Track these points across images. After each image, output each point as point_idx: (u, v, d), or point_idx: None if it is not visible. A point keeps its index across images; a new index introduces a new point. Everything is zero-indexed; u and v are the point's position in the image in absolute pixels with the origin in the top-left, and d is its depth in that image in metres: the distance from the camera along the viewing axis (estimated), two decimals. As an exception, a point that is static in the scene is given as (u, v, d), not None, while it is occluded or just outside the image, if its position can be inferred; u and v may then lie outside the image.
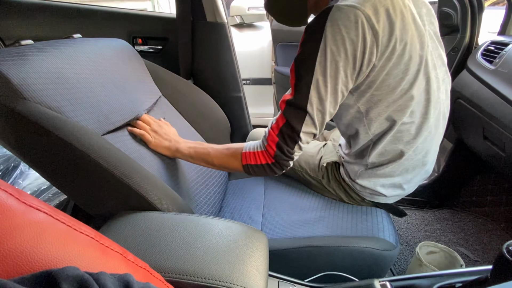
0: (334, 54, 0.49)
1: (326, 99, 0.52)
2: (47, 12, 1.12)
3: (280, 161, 0.56)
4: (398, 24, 0.50)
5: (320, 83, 0.51)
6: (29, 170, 0.89)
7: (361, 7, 0.48)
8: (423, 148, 0.63)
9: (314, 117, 0.53)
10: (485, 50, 1.02)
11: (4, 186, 0.24)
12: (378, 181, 0.67)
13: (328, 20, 0.48)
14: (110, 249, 0.27)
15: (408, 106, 0.57)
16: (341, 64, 0.50)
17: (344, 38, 0.48)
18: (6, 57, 0.48)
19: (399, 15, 0.51)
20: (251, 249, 0.43)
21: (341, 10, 0.48)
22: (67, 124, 0.47)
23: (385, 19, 0.49)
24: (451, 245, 1.10)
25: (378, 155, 0.64)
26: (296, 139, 0.54)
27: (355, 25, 0.48)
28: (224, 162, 0.62)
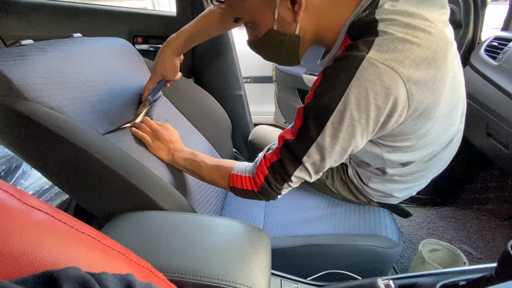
0: (353, 120, 0.41)
1: (328, 158, 0.46)
2: (47, 11, 1.12)
3: (266, 192, 0.52)
4: (439, 76, 0.42)
5: (326, 144, 0.44)
6: (31, 170, 0.89)
7: (399, 69, 0.38)
8: (447, 155, 0.61)
9: (309, 169, 0.47)
10: (488, 46, 1.01)
11: (5, 186, 0.23)
12: (394, 187, 0.66)
13: (355, 77, 0.39)
14: (112, 249, 0.27)
15: (432, 137, 0.52)
16: (359, 129, 0.43)
17: (370, 104, 0.40)
18: (7, 57, 0.48)
19: (443, 60, 0.42)
20: (253, 248, 0.43)
21: (374, 68, 0.38)
22: (69, 124, 0.47)
23: (425, 78, 0.40)
24: (454, 242, 1.09)
25: (400, 172, 0.61)
26: (286, 179, 0.49)
27: (387, 91, 0.39)
28: (213, 179, 0.59)
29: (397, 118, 0.43)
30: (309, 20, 0.45)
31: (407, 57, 0.39)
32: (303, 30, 0.47)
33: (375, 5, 0.42)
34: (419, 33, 0.40)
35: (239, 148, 1.18)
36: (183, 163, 0.63)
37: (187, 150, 0.65)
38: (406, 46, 0.39)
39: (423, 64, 0.40)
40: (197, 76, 1.12)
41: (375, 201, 0.73)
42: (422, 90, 0.41)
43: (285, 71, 1.53)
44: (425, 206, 1.29)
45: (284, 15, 0.45)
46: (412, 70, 0.39)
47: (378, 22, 0.41)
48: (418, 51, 0.39)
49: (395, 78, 0.39)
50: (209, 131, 0.88)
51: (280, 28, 0.47)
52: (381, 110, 0.41)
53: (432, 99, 0.43)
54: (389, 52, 0.39)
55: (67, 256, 0.23)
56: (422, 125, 0.47)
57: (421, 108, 0.43)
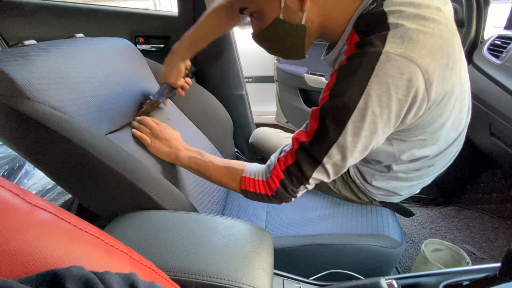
0: (375, 116, 0.41)
1: (350, 157, 0.45)
2: (50, 12, 1.13)
3: (281, 196, 0.51)
4: (450, 64, 0.42)
5: (348, 143, 0.43)
6: (34, 170, 0.89)
7: (418, 60, 0.38)
8: (453, 150, 0.61)
9: (329, 170, 0.46)
10: (491, 44, 1.01)
11: (9, 186, 0.24)
12: (398, 184, 0.66)
13: (374, 73, 0.38)
14: (115, 248, 0.27)
15: (445, 131, 0.52)
16: (381, 125, 0.42)
17: (392, 98, 0.39)
18: (10, 57, 0.48)
19: (453, 47, 0.42)
20: (255, 247, 0.43)
21: (393, 62, 0.38)
22: (71, 124, 0.47)
23: (440, 67, 0.41)
24: (457, 242, 1.09)
25: (405, 168, 0.61)
26: (304, 182, 0.48)
27: (408, 84, 0.39)
28: (222, 181, 0.57)
29: (416, 111, 0.43)
30: (315, 10, 0.45)
31: (424, 47, 0.38)
32: (309, 20, 0.46)
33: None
34: (429, 23, 0.40)
35: (240, 148, 1.18)
36: (188, 161, 0.61)
37: (192, 149, 0.63)
38: (420, 36, 0.38)
39: (438, 53, 0.40)
40: (199, 76, 1.12)
41: (378, 201, 0.73)
42: (438, 80, 0.41)
43: (287, 70, 1.52)
44: (428, 206, 1.28)
45: (291, 3, 0.44)
46: (429, 59, 0.39)
47: (387, 15, 0.40)
48: (431, 40, 0.39)
49: (414, 70, 0.38)
50: (211, 131, 0.89)
51: (286, 17, 0.46)
52: (402, 103, 0.40)
53: (448, 89, 0.43)
54: (405, 43, 0.38)
55: (70, 255, 0.23)
56: (437, 117, 0.47)
57: (438, 99, 0.43)
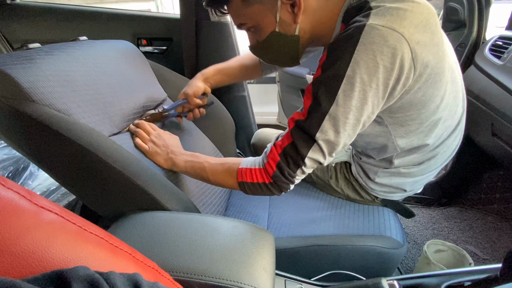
0: (364, 84, 0.42)
1: (343, 132, 0.46)
2: (53, 15, 1.14)
3: (279, 182, 0.50)
4: (435, 40, 0.44)
5: (339, 114, 0.44)
6: (38, 171, 0.90)
7: (400, 29, 0.40)
8: (453, 143, 0.62)
9: (323, 147, 0.47)
10: (493, 45, 1.00)
11: (16, 188, 0.24)
12: (401, 180, 0.66)
13: (360, 42, 0.41)
14: (119, 249, 0.28)
15: (442, 117, 0.53)
16: (370, 94, 0.43)
17: (378, 65, 0.41)
18: (15, 60, 0.49)
19: (435, 27, 0.44)
20: (257, 248, 0.44)
21: (376, 30, 0.40)
22: (76, 126, 0.48)
23: (424, 40, 0.42)
24: (460, 243, 1.09)
25: (407, 161, 0.61)
26: (300, 163, 0.48)
27: (393, 51, 0.40)
28: (219, 179, 0.57)
29: (404, 81, 0.44)
30: (306, 20, 0.49)
31: (405, 19, 0.41)
32: (302, 30, 0.50)
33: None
34: (408, 3, 0.43)
35: (242, 149, 1.18)
36: (184, 166, 0.60)
37: (187, 153, 0.63)
38: (401, 12, 0.41)
39: (420, 27, 0.42)
40: (201, 78, 1.13)
41: (380, 199, 0.73)
42: (424, 51, 0.43)
43: (288, 71, 1.53)
44: (430, 207, 1.28)
45: (285, 17, 0.49)
46: (412, 30, 0.41)
47: (369, 2, 0.44)
48: (412, 16, 0.42)
49: (398, 38, 0.40)
50: (213, 132, 0.89)
51: (282, 29, 0.50)
52: (388, 71, 0.42)
53: (435, 63, 0.45)
54: (387, 17, 0.41)
55: (75, 255, 0.23)
56: (430, 96, 0.48)
57: (426, 72, 0.45)
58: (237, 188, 0.56)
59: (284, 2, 0.47)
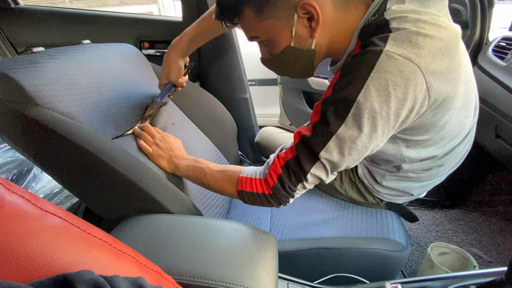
0: (374, 112, 0.41)
1: (347, 155, 0.45)
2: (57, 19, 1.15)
3: (278, 195, 0.49)
4: (453, 66, 0.43)
5: (347, 137, 0.43)
6: (41, 174, 0.91)
7: (417, 60, 0.39)
8: (463, 150, 0.61)
9: (326, 165, 0.46)
10: (496, 46, 1.00)
11: (21, 192, 0.24)
12: (409, 185, 0.65)
13: (374, 69, 0.40)
14: (123, 252, 0.28)
15: (450, 130, 0.52)
16: (380, 122, 0.42)
17: (390, 95, 0.40)
18: (20, 64, 0.49)
19: (454, 51, 0.43)
20: (260, 251, 0.43)
21: (393, 60, 0.39)
22: (79, 129, 0.48)
23: (441, 68, 0.41)
24: (464, 246, 1.08)
25: (416, 167, 0.61)
26: (302, 178, 0.47)
27: (406, 82, 0.40)
28: (218, 186, 0.56)
29: (418, 109, 0.43)
30: (323, 34, 0.47)
31: (423, 48, 0.40)
32: (318, 44, 0.48)
33: (383, 9, 0.43)
34: (429, 26, 0.41)
35: (244, 151, 1.18)
36: (186, 171, 0.61)
37: (189, 158, 0.63)
38: (420, 38, 0.40)
39: (438, 55, 0.41)
40: (203, 80, 1.13)
41: (384, 202, 0.72)
42: (439, 80, 0.42)
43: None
44: (433, 209, 1.27)
45: (301, 32, 0.46)
46: (429, 60, 0.40)
47: (389, 21, 0.42)
48: (431, 43, 0.40)
49: (413, 69, 0.39)
50: (215, 134, 0.89)
51: (297, 44, 0.48)
52: (401, 101, 0.41)
53: (450, 89, 0.44)
54: (405, 45, 0.40)
55: (80, 259, 0.23)
56: (440, 116, 0.48)
57: (440, 98, 0.44)
58: (236, 197, 0.55)
59: (301, 16, 0.44)
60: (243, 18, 0.47)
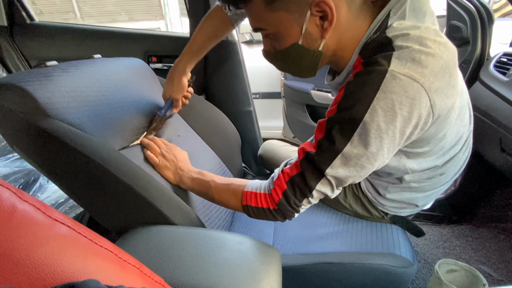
0: (381, 131, 0.41)
1: (354, 172, 0.45)
2: (70, 34, 1.20)
3: (283, 210, 0.49)
4: (452, 82, 0.44)
5: (353, 156, 0.43)
6: (47, 184, 0.92)
7: (421, 79, 0.40)
8: (462, 157, 0.62)
9: (332, 181, 0.46)
10: (497, 62, 1.01)
11: (31, 200, 0.25)
12: (412, 195, 0.65)
13: (380, 90, 0.40)
14: (128, 263, 0.28)
15: (448, 140, 0.53)
16: (386, 141, 0.42)
17: (397, 114, 0.41)
18: (34, 77, 0.51)
19: (453, 67, 0.44)
20: (264, 264, 0.43)
21: (398, 80, 0.39)
22: (87, 140, 0.49)
23: (442, 86, 0.42)
24: (472, 263, 1.04)
25: (418, 177, 0.61)
26: (307, 194, 0.47)
27: (411, 102, 0.40)
28: (223, 199, 0.56)
29: (422, 126, 0.44)
30: (333, 37, 0.46)
31: (426, 68, 0.40)
32: (326, 47, 0.47)
33: (385, 26, 0.44)
34: (431, 43, 0.41)
35: (248, 163, 1.19)
36: (191, 183, 0.61)
37: (195, 170, 0.63)
38: (423, 57, 0.40)
39: (440, 73, 0.41)
40: (208, 93, 1.16)
41: (389, 215, 0.71)
42: (441, 97, 0.42)
43: (294, 87, 1.55)
44: (440, 224, 1.25)
45: (312, 30, 0.45)
46: (432, 79, 0.41)
47: (392, 39, 0.42)
48: (434, 61, 0.41)
49: (418, 89, 0.40)
50: (219, 146, 0.90)
51: (305, 43, 0.46)
52: (406, 120, 0.41)
53: (450, 104, 0.45)
54: (409, 64, 0.40)
55: (86, 268, 0.24)
56: (440, 129, 0.49)
57: (442, 114, 0.45)
58: (240, 210, 0.55)
59: (314, 14, 0.43)
60: (251, 5, 0.45)
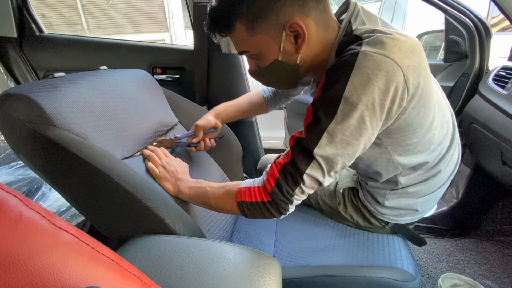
0: (360, 104, 0.44)
1: (341, 149, 0.47)
2: (77, 46, 1.23)
3: (277, 200, 0.50)
4: (422, 64, 0.48)
5: (337, 131, 0.46)
6: (50, 192, 0.92)
7: (392, 55, 0.44)
8: (453, 157, 0.64)
9: (322, 163, 0.47)
10: (496, 75, 1.03)
11: (37, 208, 0.25)
12: (411, 201, 0.66)
13: (355, 66, 0.44)
14: (129, 272, 0.28)
15: (435, 134, 0.57)
16: (367, 114, 0.45)
17: (374, 87, 0.44)
18: (42, 88, 0.53)
19: (421, 53, 0.48)
20: (264, 276, 0.43)
21: (370, 57, 0.44)
22: (92, 149, 0.50)
23: (413, 64, 0.46)
24: (477, 277, 1.02)
25: (412, 179, 0.63)
26: (298, 180, 0.48)
27: (386, 75, 0.44)
28: (219, 202, 0.57)
29: (399, 101, 0.47)
30: (308, 51, 0.52)
31: (394, 47, 0.45)
32: (302, 60, 0.53)
33: (350, 29, 0.51)
34: (395, 34, 0.46)
35: (249, 173, 1.19)
36: (189, 192, 0.62)
37: (192, 180, 0.64)
38: (389, 41, 0.45)
39: (408, 52, 0.45)
40: (211, 104, 1.18)
41: (390, 224, 0.71)
42: (414, 73, 0.46)
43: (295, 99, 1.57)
44: (443, 237, 1.23)
45: (288, 48, 0.52)
46: (402, 55, 0.45)
47: (361, 35, 0.48)
48: (399, 43, 0.45)
49: (390, 63, 0.44)
50: (220, 156, 0.91)
51: (284, 58, 0.53)
52: (383, 93, 0.44)
53: (424, 85, 0.48)
54: (378, 45, 0.45)
55: (88, 276, 0.24)
56: (423, 116, 0.52)
57: (417, 93, 0.48)
58: (237, 211, 0.55)
59: (289, 34, 0.49)
60: (234, 32, 0.52)
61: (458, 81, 1.17)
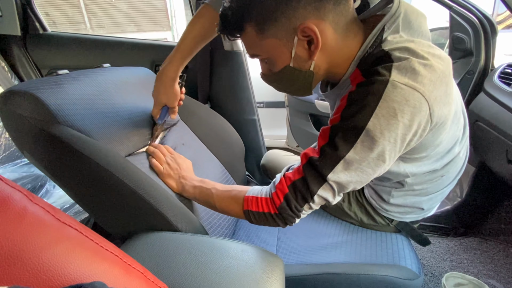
0: (383, 138, 0.43)
1: (356, 177, 0.46)
2: (81, 44, 1.23)
3: (284, 214, 0.50)
4: (448, 90, 0.46)
5: (355, 162, 0.45)
6: (53, 189, 0.93)
7: (421, 88, 0.42)
8: (462, 157, 0.63)
9: (334, 187, 0.47)
10: (501, 72, 1.01)
11: (42, 204, 0.26)
12: (417, 199, 0.65)
13: (382, 98, 0.42)
14: (132, 268, 0.28)
15: (445, 144, 0.55)
16: (388, 148, 0.44)
17: (399, 122, 0.42)
18: (46, 85, 0.53)
19: (449, 76, 0.46)
20: (267, 273, 0.43)
21: (399, 89, 0.41)
22: (95, 146, 0.50)
23: (441, 94, 0.44)
24: (481, 277, 1.02)
25: (419, 180, 0.62)
26: (308, 199, 0.48)
27: (413, 110, 0.42)
28: (225, 206, 0.57)
29: (421, 133, 0.45)
30: (323, 58, 0.49)
31: (425, 77, 0.42)
32: (317, 67, 0.50)
33: (380, 40, 0.47)
34: (427, 55, 0.43)
35: (251, 171, 1.19)
36: (193, 191, 0.61)
37: (197, 179, 0.64)
38: (421, 68, 0.42)
39: (438, 82, 0.43)
40: (214, 102, 1.17)
41: (395, 222, 0.71)
42: (439, 105, 0.44)
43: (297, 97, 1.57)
44: (447, 236, 1.22)
45: (300, 53, 0.48)
46: (431, 88, 0.42)
47: (390, 52, 0.44)
48: (431, 72, 0.43)
49: (418, 98, 0.42)
50: (223, 154, 0.91)
51: (296, 65, 0.49)
52: (407, 127, 0.43)
53: (447, 112, 0.47)
54: (408, 73, 0.42)
55: (92, 271, 0.24)
56: (437, 136, 0.50)
57: (440, 121, 0.46)
58: (242, 217, 0.55)
59: (301, 39, 0.46)
60: (245, 35, 0.49)
61: (463, 79, 1.16)
